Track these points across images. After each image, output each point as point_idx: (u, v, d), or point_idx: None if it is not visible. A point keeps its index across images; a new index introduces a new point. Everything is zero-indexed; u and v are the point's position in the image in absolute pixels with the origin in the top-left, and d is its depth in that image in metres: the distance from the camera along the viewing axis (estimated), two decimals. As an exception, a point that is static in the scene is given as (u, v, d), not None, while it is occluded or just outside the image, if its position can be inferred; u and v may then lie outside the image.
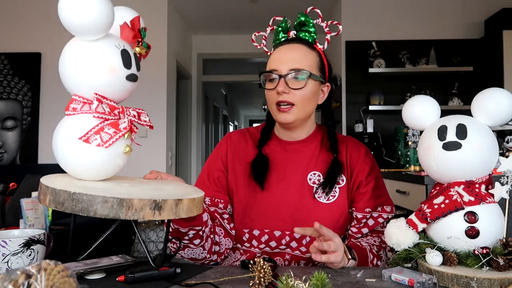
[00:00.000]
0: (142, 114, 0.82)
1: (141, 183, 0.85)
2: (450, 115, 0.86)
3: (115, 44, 0.74)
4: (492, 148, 0.80)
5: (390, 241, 0.85)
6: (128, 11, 0.82)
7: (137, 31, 0.79)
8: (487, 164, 0.81)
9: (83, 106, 0.74)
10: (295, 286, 0.59)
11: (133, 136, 0.80)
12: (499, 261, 0.72)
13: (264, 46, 1.12)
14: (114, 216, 0.65)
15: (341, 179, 1.08)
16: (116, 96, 0.77)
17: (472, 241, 0.77)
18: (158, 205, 0.68)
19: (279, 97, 1.01)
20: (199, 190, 0.85)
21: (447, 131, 0.81)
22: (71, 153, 0.73)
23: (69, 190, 0.66)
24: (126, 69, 0.75)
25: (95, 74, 0.73)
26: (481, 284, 0.70)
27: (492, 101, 0.80)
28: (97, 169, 0.75)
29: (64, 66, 0.74)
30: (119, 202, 0.65)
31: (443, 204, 0.80)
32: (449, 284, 0.74)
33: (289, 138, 1.11)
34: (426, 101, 0.88)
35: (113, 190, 0.71)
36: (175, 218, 0.71)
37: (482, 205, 0.78)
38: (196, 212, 0.76)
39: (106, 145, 0.73)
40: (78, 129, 0.73)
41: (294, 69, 1.01)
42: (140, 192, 0.72)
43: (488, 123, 0.82)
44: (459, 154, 0.79)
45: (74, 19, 0.68)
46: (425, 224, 0.83)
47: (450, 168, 0.81)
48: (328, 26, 1.06)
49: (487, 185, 0.81)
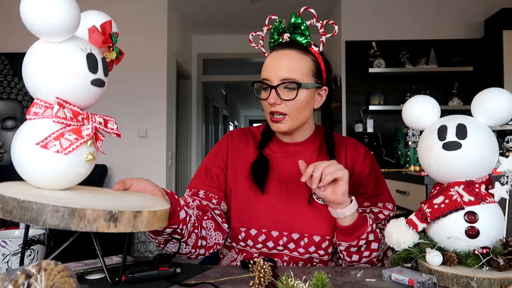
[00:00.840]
0: (109, 121, 0.78)
1: (106, 193, 0.80)
2: (450, 115, 0.86)
3: (81, 48, 0.71)
4: (492, 148, 0.80)
5: (390, 241, 0.85)
6: (100, 15, 0.78)
7: (108, 35, 0.76)
8: (487, 164, 0.81)
9: (45, 110, 0.71)
10: (295, 286, 0.59)
11: (99, 144, 0.76)
12: (499, 261, 0.72)
13: (261, 47, 1.11)
14: (65, 227, 0.61)
15: None
16: (80, 101, 0.73)
17: (472, 241, 0.77)
18: (113, 216, 0.63)
19: (271, 108, 1.01)
20: (165, 203, 0.80)
21: (447, 131, 0.81)
22: (27, 159, 0.69)
23: (18, 198, 0.61)
24: (92, 74, 0.72)
25: (57, 77, 0.69)
26: (481, 284, 0.70)
27: (492, 101, 0.80)
28: (55, 177, 0.71)
29: (26, 68, 0.71)
30: (71, 212, 0.61)
31: (443, 204, 0.80)
32: (449, 284, 0.74)
33: (289, 140, 1.12)
34: (426, 101, 0.88)
35: (67, 199, 0.66)
36: (133, 231, 0.66)
37: (482, 205, 0.78)
38: (157, 226, 0.71)
39: (66, 151, 0.69)
40: (36, 134, 0.69)
41: (285, 79, 0.99)
42: (97, 203, 0.68)
43: (488, 123, 0.82)
44: (459, 154, 0.79)
45: (37, 20, 0.65)
46: (425, 224, 0.83)
47: (450, 168, 0.81)
48: (324, 26, 1.04)
49: (487, 185, 0.81)
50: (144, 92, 3.83)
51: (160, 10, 3.97)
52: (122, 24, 4.15)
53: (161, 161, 3.90)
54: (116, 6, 3.87)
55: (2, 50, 3.88)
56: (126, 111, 3.82)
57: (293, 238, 1.04)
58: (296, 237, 1.04)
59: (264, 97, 1.03)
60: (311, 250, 1.04)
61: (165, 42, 3.95)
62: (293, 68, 1.00)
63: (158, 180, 3.88)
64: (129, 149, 3.80)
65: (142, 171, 3.73)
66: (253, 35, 1.12)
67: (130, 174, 3.51)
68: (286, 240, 1.05)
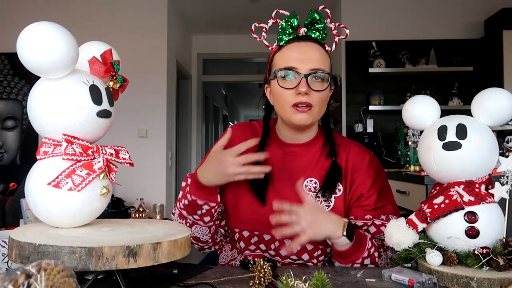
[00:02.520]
0: (121, 151, 0.77)
1: (126, 225, 0.78)
2: (450, 115, 0.86)
3: (82, 80, 0.70)
4: (492, 148, 0.80)
5: (390, 241, 0.85)
6: (99, 45, 0.77)
7: (109, 64, 0.74)
8: (487, 164, 0.81)
9: (54, 149, 0.70)
10: (295, 286, 0.59)
11: (112, 175, 0.74)
12: (499, 261, 0.72)
13: (264, 40, 1.04)
14: (83, 268, 0.59)
15: (338, 188, 1.02)
16: (89, 134, 0.72)
17: (472, 241, 0.77)
18: (132, 251, 0.61)
19: (298, 98, 0.95)
20: (186, 230, 0.76)
21: (447, 131, 0.81)
22: (41, 200, 0.68)
23: (34, 243, 0.60)
24: (96, 106, 0.71)
25: (62, 114, 0.68)
26: (481, 284, 0.70)
27: (492, 101, 0.80)
28: (71, 216, 0.70)
29: (31, 108, 0.70)
30: (88, 252, 0.59)
31: (443, 204, 0.80)
32: (449, 284, 0.74)
33: (291, 140, 1.06)
34: (426, 101, 0.88)
35: (85, 238, 0.65)
36: (154, 264, 0.64)
37: (482, 205, 0.78)
38: (179, 255, 0.68)
39: (79, 188, 0.68)
40: (47, 173, 0.68)
41: (316, 69, 0.95)
42: (115, 238, 0.66)
43: (488, 123, 0.82)
44: (459, 154, 0.79)
45: (35, 59, 0.65)
46: (425, 224, 0.83)
47: (450, 168, 0.81)
48: (336, 28, 1.02)
49: (487, 185, 0.81)
50: (144, 92, 3.83)
51: (160, 10, 3.97)
52: (122, 24, 4.17)
53: (161, 161, 3.90)
54: (116, 7, 3.87)
55: (2, 50, 3.87)
56: (126, 111, 3.81)
57: (286, 243, 0.99)
58: (288, 243, 0.97)
59: (288, 86, 0.96)
60: (304, 258, 1.03)
61: (165, 42, 3.95)
62: (321, 60, 0.97)
63: (158, 180, 3.88)
64: (129, 149, 3.73)
65: (142, 171, 3.73)
66: (256, 26, 1.05)
67: (130, 174, 3.51)
68: (278, 244, 1.02)
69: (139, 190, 3.65)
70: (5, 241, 0.78)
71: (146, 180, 3.78)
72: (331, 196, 1.02)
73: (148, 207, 3.46)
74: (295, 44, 0.99)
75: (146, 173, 3.74)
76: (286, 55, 0.98)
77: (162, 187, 3.90)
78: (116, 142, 0.84)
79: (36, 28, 0.65)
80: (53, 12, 3.83)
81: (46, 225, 0.73)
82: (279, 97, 0.99)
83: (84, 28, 3.60)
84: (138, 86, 3.90)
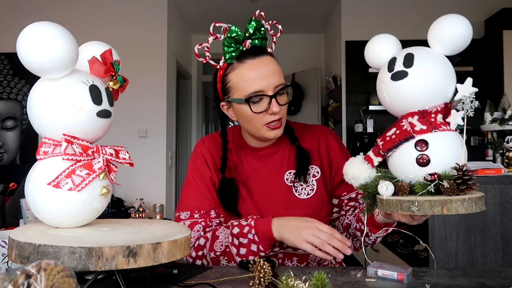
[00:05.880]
0: (121, 151, 0.77)
1: (126, 225, 0.78)
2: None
3: (82, 80, 0.70)
4: (446, 75, 0.78)
5: (347, 176, 0.83)
6: (99, 45, 0.77)
7: (109, 64, 0.74)
8: (440, 92, 0.78)
9: (54, 149, 0.70)
10: (295, 286, 0.59)
11: (112, 175, 0.75)
12: (443, 184, 0.71)
13: (209, 60, 0.99)
14: (83, 268, 0.59)
15: (316, 171, 1.09)
16: (88, 134, 0.72)
17: (423, 169, 0.75)
18: (132, 251, 0.61)
19: (271, 117, 0.98)
20: (186, 230, 0.76)
21: (395, 62, 0.79)
22: (41, 200, 0.68)
23: (34, 243, 0.61)
24: (96, 106, 0.71)
25: (62, 114, 0.68)
26: (421, 206, 0.69)
27: (447, 27, 0.79)
28: (71, 216, 0.70)
29: (31, 108, 0.70)
30: (87, 252, 0.59)
31: (394, 135, 0.79)
32: (394, 210, 0.73)
33: (259, 145, 1.10)
34: (385, 38, 0.86)
35: (84, 238, 0.65)
36: (154, 264, 0.64)
37: (434, 133, 0.75)
38: (179, 255, 0.68)
39: (78, 188, 0.68)
40: (47, 173, 0.68)
41: (279, 85, 0.97)
42: (114, 238, 0.66)
43: (444, 52, 0.80)
44: (406, 82, 0.76)
45: (35, 59, 0.65)
46: (380, 158, 0.81)
47: (399, 98, 0.78)
48: (271, 25, 1.00)
49: (445, 114, 0.78)
50: (144, 92, 3.83)
51: (160, 10, 3.97)
52: (122, 24, 4.18)
53: (161, 161, 3.90)
54: (116, 7, 3.87)
55: (2, 50, 3.88)
56: (126, 111, 3.82)
57: None
58: None
59: (260, 110, 0.97)
60: None
61: (165, 42, 3.95)
62: (277, 72, 0.98)
63: (158, 180, 3.89)
64: (129, 149, 3.73)
65: (142, 171, 3.73)
66: (199, 48, 1.00)
67: (130, 174, 3.51)
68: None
69: (139, 190, 3.66)
70: (5, 241, 0.78)
71: (146, 180, 3.79)
72: (312, 180, 1.08)
73: (148, 207, 3.46)
74: (248, 62, 0.97)
75: (146, 173, 3.74)
76: (245, 76, 0.96)
77: (162, 187, 3.90)
78: (116, 142, 0.84)
79: (36, 28, 0.65)
80: (53, 12, 3.83)
81: (46, 225, 0.73)
82: (251, 120, 1.00)
83: (84, 28, 3.61)
84: (138, 86, 3.90)
